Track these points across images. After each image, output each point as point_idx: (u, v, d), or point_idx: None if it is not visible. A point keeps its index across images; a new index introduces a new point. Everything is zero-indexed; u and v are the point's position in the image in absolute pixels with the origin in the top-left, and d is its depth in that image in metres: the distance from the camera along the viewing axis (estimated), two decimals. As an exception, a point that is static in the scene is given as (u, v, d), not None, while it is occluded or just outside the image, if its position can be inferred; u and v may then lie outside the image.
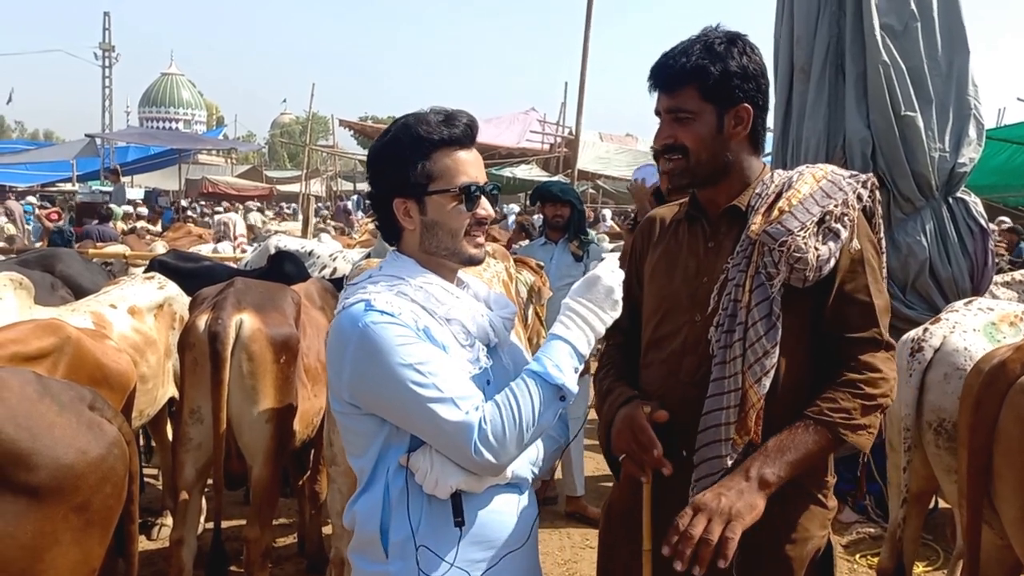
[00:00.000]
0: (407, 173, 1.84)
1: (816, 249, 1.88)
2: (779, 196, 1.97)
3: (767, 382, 1.87)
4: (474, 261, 1.93)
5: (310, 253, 6.66)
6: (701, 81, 1.96)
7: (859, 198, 2.00)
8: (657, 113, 2.08)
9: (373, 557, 1.82)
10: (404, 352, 1.71)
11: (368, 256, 5.68)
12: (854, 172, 2.06)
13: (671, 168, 2.05)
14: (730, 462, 1.87)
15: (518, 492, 1.91)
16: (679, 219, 2.18)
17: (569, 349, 1.80)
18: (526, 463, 1.89)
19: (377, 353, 1.71)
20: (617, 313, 1.87)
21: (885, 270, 2.09)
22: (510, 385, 1.76)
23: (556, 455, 2.01)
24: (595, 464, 5.96)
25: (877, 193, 2.07)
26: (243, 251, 8.82)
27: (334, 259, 6.63)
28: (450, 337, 1.82)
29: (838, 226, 1.92)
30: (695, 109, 1.99)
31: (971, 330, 3.36)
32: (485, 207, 1.90)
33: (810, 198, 1.94)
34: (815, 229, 1.91)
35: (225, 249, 9.33)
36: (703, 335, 1.97)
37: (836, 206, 1.94)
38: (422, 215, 1.87)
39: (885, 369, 1.94)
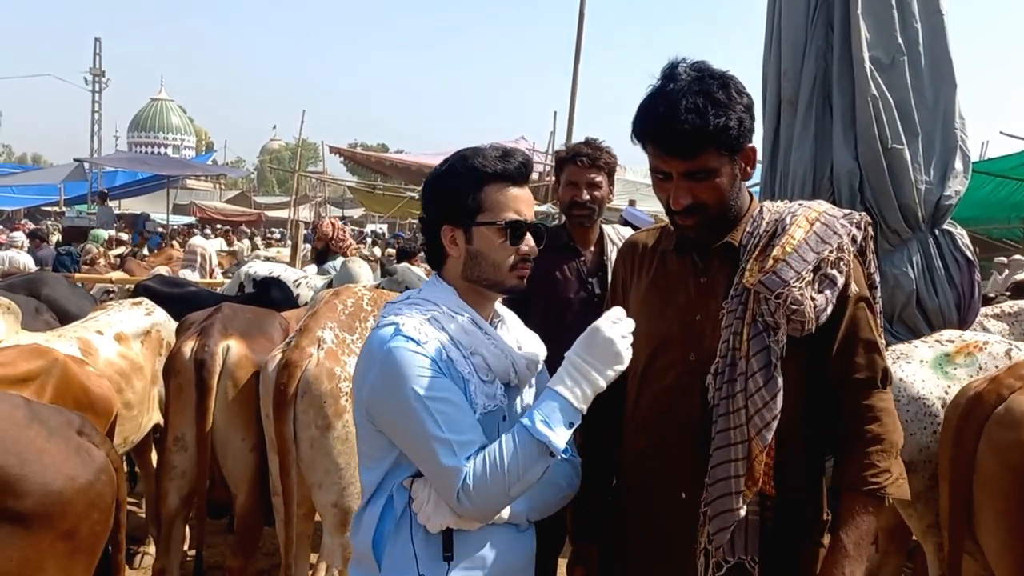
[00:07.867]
0: (458, 202, 1.90)
1: (812, 299, 1.85)
2: (772, 237, 1.93)
3: (768, 434, 1.85)
4: (515, 292, 1.96)
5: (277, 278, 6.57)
6: (722, 140, 1.85)
7: (853, 240, 1.96)
8: (661, 173, 1.94)
9: (368, 570, 1.85)
10: (420, 383, 1.75)
11: (329, 284, 5.64)
12: (848, 212, 2.02)
13: (691, 224, 1.95)
14: (742, 513, 1.86)
15: (516, 531, 1.91)
16: (666, 249, 2.11)
17: (561, 404, 1.78)
18: (525, 507, 1.89)
19: (396, 378, 1.77)
20: (621, 366, 1.82)
21: (880, 306, 2.08)
22: (501, 438, 1.77)
23: (562, 502, 1.99)
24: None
25: (870, 230, 2.04)
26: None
27: (298, 285, 6.54)
28: (472, 370, 1.84)
29: (834, 272, 1.89)
30: (716, 166, 1.89)
31: (917, 361, 3.32)
32: (529, 243, 1.93)
33: (804, 244, 1.90)
34: (811, 278, 1.87)
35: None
36: (697, 376, 1.94)
37: (831, 251, 1.91)
38: (468, 244, 1.92)
39: (890, 407, 1.94)
